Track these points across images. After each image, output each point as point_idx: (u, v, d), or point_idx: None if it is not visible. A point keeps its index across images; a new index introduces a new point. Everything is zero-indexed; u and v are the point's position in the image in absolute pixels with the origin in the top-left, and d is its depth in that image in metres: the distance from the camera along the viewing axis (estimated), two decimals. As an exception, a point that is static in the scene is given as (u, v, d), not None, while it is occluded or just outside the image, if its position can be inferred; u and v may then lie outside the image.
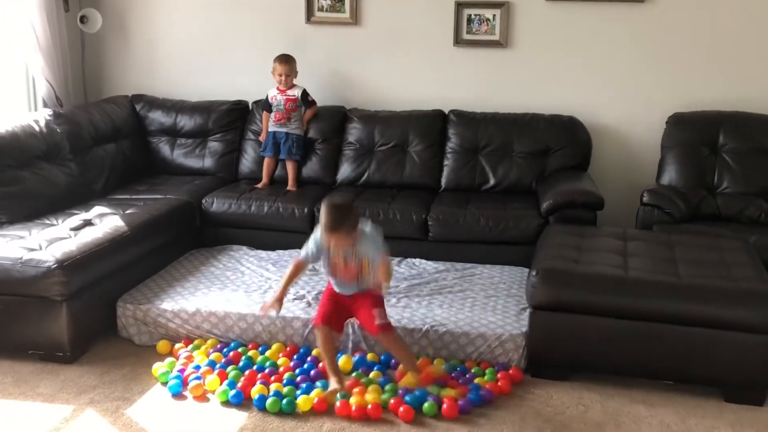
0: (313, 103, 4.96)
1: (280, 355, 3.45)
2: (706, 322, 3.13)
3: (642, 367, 3.26)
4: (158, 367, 3.28)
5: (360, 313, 3.21)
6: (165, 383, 3.19)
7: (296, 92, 4.86)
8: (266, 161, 4.92)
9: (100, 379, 3.27)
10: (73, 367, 3.38)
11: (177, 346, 3.52)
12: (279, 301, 3.18)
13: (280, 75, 4.81)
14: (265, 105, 4.94)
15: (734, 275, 3.30)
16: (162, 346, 3.55)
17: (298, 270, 3.21)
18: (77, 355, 3.45)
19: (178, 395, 3.13)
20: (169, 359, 3.38)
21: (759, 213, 4.31)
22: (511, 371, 3.30)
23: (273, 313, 3.31)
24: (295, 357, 3.43)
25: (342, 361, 3.32)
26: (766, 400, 3.17)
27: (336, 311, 3.22)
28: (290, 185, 4.83)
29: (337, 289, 3.22)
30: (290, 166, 4.87)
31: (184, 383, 3.17)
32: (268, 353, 3.45)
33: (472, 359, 3.41)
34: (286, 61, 4.82)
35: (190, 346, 3.50)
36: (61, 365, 3.39)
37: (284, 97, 4.84)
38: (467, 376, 3.27)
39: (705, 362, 3.17)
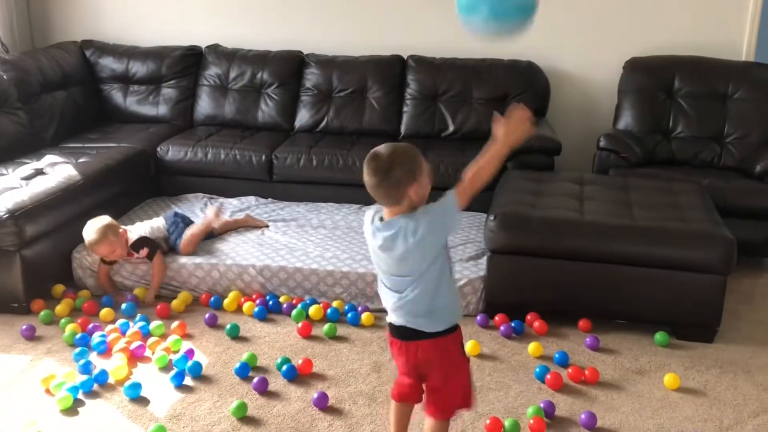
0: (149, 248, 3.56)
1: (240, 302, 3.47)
2: (658, 263, 3.20)
3: (596, 308, 3.35)
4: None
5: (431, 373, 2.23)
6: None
7: (143, 252, 3.56)
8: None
9: (57, 329, 3.24)
10: (29, 317, 3.34)
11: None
12: None
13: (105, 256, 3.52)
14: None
15: (687, 217, 3.37)
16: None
17: None
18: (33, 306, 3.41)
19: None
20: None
21: (712, 156, 4.40)
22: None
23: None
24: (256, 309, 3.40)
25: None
26: (716, 338, 3.28)
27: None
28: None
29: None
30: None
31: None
32: (225, 302, 3.45)
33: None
34: (101, 238, 3.41)
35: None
36: (17, 316, 3.35)
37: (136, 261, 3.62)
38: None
39: (657, 302, 3.26)
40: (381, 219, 2.13)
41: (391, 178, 2.04)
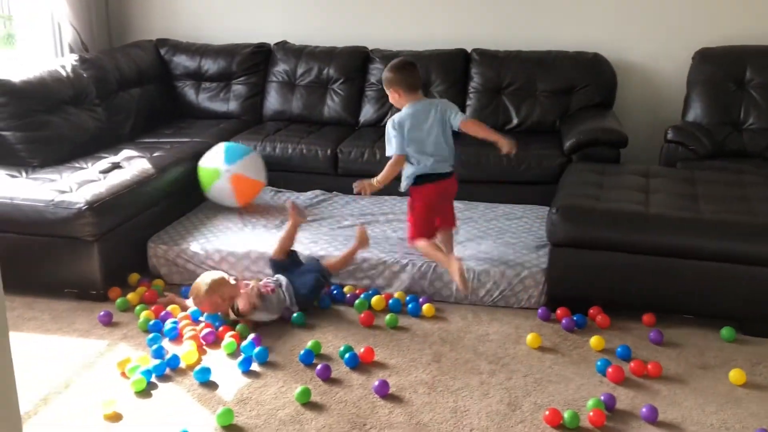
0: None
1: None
2: (725, 257, 3.14)
3: (661, 302, 3.30)
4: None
5: (446, 205, 3.60)
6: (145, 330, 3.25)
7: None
8: None
9: (132, 316, 3.39)
10: (106, 304, 3.50)
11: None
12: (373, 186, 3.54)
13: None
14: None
15: (755, 210, 3.30)
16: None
17: (399, 165, 3.48)
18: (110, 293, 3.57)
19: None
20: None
21: (785, 149, 4.28)
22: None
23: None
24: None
25: (375, 300, 3.43)
26: (785, 334, 3.21)
27: (433, 218, 3.53)
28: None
29: (434, 169, 3.43)
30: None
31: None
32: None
33: (493, 296, 3.47)
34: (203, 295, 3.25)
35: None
36: (95, 303, 3.52)
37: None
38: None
39: (724, 296, 3.20)
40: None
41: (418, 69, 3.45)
